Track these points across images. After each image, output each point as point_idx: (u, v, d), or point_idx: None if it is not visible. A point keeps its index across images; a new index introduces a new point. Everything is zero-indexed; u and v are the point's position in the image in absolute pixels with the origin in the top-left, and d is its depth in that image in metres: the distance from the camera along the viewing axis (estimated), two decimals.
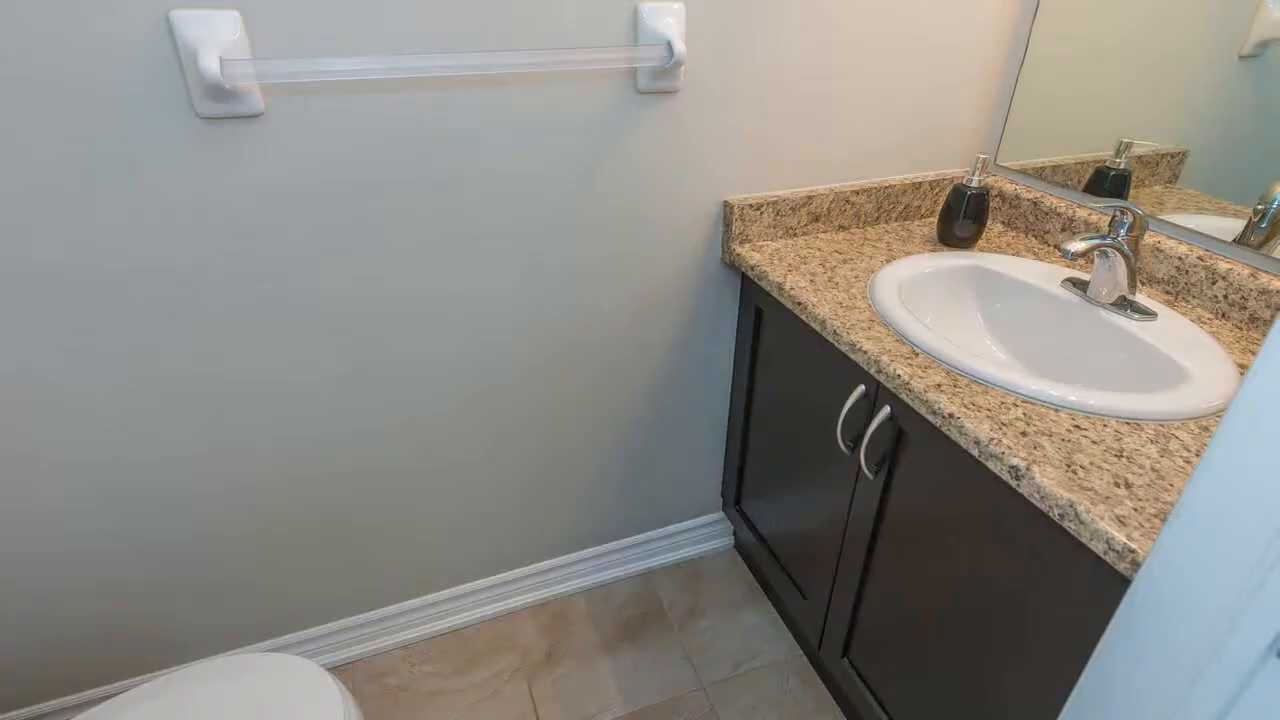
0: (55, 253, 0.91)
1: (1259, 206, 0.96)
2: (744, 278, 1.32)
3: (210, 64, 0.81)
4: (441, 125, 1.00)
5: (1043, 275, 1.10)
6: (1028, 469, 0.72)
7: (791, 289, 1.09)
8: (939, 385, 0.85)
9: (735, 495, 1.53)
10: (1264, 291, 0.94)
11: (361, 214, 1.02)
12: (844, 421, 1.03)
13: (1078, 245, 0.93)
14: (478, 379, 1.24)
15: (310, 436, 1.17)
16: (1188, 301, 1.04)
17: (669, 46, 1.01)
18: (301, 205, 0.99)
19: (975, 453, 0.79)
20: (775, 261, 1.18)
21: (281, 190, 0.97)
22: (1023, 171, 1.30)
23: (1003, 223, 1.33)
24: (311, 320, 1.07)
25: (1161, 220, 1.07)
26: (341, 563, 1.33)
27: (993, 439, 0.76)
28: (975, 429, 0.78)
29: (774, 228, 1.26)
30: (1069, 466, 0.72)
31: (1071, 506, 0.68)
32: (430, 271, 1.10)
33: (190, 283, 0.99)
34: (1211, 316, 1.01)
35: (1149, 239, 1.07)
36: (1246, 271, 0.96)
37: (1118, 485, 0.70)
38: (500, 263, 1.14)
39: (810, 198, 1.25)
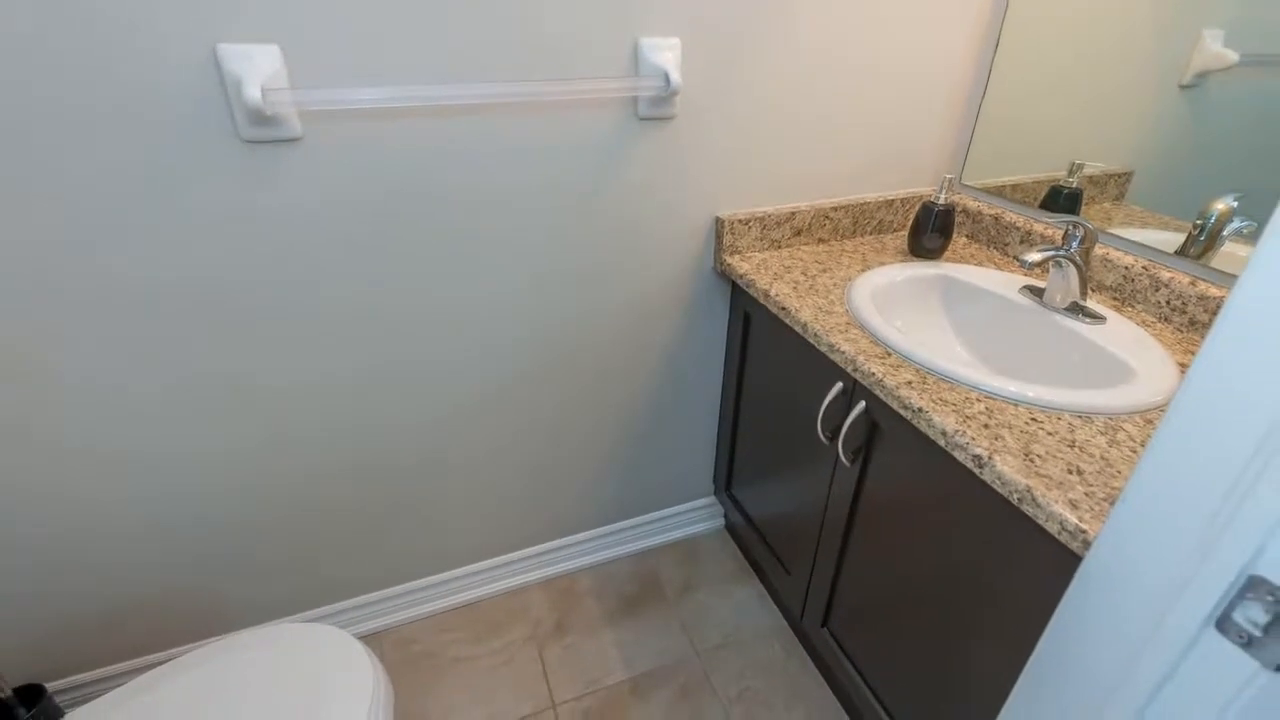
0: (116, 264, 0.91)
1: (1198, 221, 0.96)
2: (734, 285, 1.32)
3: (253, 92, 0.81)
4: (461, 147, 1.00)
5: (1003, 283, 1.10)
6: (989, 458, 0.72)
7: (776, 295, 1.10)
8: (909, 382, 0.86)
9: (726, 481, 1.53)
10: (1202, 298, 0.94)
11: (386, 228, 1.02)
12: (824, 415, 1.03)
13: (1034, 256, 0.94)
14: (490, 380, 1.24)
15: (341, 431, 1.17)
16: (1134, 307, 1.04)
17: (666, 77, 1.01)
18: (331, 221, 0.99)
19: (942, 443, 0.79)
20: (762, 270, 1.18)
21: (314, 207, 0.97)
22: (985, 190, 1.30)
23: (967, 236, 1.33)
24: (340, 326, 1.07)
25: (1110, 234, 1.08)
26: (370, 544, 1.33)
27: (958, 430, 0.77)
28: (942, 421, 0.78)
29: (761, 240, 1.26)
30: (1027, 455, 0.72)
31: (1029, 491, 0.68)
32: (448, 281, 1.10)
33: (234, 292, 0.99)
34: (1155, 320, 1.01)
35: (1099, 250, 1.07)
36: (1187, 280, 0.97)
37: (1071, 472, 0.70)
38: (510, 273, 1.14)
39: (793, 213, 1.25)
